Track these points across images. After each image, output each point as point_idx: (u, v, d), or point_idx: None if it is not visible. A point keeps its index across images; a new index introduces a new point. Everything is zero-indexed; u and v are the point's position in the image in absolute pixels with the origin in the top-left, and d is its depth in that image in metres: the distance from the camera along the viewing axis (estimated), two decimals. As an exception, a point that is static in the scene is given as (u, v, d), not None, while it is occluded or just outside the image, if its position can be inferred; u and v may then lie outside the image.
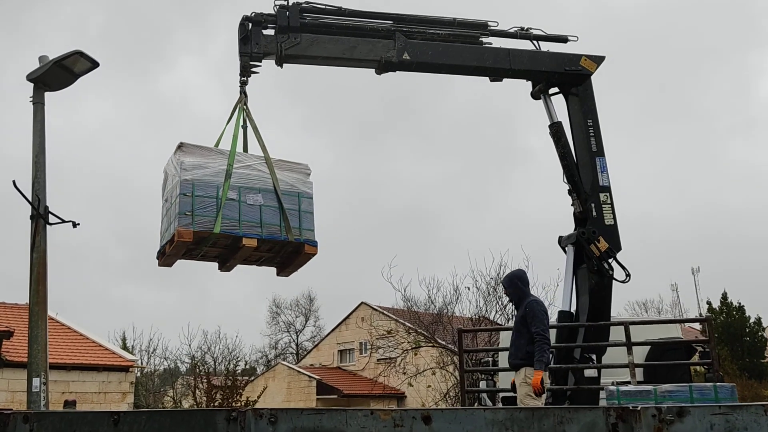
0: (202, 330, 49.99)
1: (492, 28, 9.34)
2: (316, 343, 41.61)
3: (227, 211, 6.61)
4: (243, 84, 7.86)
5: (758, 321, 35.01)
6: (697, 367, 11.49)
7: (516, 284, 7.09)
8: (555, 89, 9.49)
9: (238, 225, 6.66)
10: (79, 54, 6.47)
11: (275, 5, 8.11)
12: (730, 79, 79.60)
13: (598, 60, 9.41)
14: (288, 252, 7.16)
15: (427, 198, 66.80)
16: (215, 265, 7.55)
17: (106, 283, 57.51)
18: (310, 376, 31.33)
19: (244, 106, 7.49)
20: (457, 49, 8.97)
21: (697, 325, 33.69)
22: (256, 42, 7.93)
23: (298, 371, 32.46)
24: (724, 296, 35.13)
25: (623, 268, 8.97)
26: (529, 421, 2.03)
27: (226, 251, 7.09)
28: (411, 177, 67.27)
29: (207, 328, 47.63)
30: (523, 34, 9.46)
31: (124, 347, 29.32)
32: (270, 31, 8.15)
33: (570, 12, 70.41)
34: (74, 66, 6.53)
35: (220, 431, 2.30)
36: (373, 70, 8.66)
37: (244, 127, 7.45)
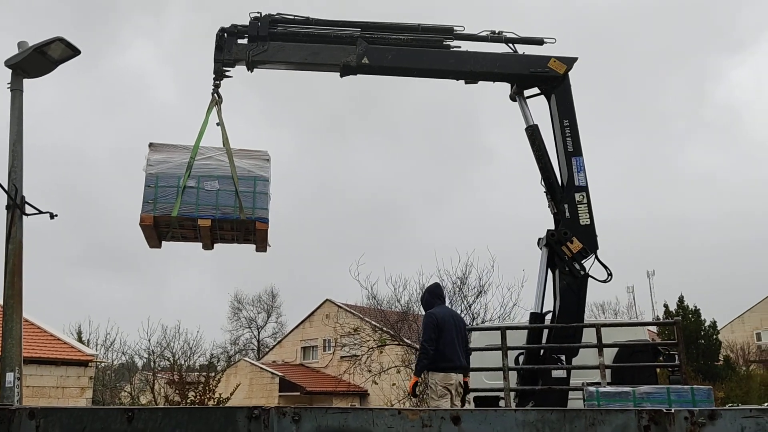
0: (161, 325, 49.17)
1: (459, 32, 9.45)
2: (278, 339, 41.33)
3: (186, 198, 7.64)
4: (216, 87, 8.67)
5: (713, 324, 36.06)
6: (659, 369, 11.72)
7: (426, 297, 8.27)
8: (535, 91, 9.58)
9: (196, 208, 7.66)
10: (60, 41, 6.27)
11: (250, 16, 8.98)
12: (687, 82, 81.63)
13: (569, 61, 9.39)
14: (247, 229, 8.03)
15: (392, 192, 66.95)
16: (176, 260, 8.36)
17: (59, 273, 56.06)
18: (272, 373, 31.10)
19: (217, 107, 8.39)
20: (418, 52, 9.28)
21: (653, 328, 34.48)
22: (229, 50, 8.82)
23: (261, 368, 32.19)
24: (681, 300, 36.07)
25: (605, 267, 9.01)
26: (561, 422, 2.03)
27: (195, 232, 8.02)
28: (375, 171, 67.32)
29: (167, 323, 46.89)
30: (494, 37, 9.52)
31: (80, 341, 28.61)
32: (245, 41, 9.01)
33: (532, 12, 71.28)
34: (55, 53, 6.33)
35: (242, 429, 2.25)
36: (337, 73, 9.20)
37: (219, 124, 8.27)
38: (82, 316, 60.62)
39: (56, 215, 6.37)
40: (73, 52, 6.51)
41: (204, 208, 7.70)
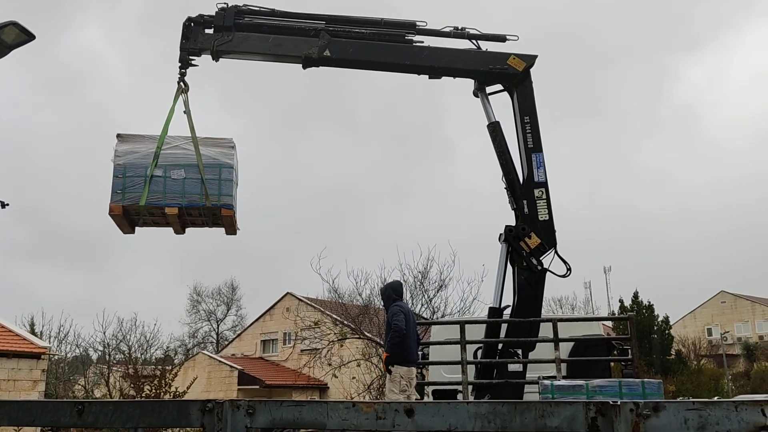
0: (117, 317, 48.26)
1: (422, 27, 9.58)
2: (238, 332, 41.00)
3: (154, 187, 7.85)
4: (182, 75, 8.80)
5: (666, 320, 37.02)
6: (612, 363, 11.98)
7: (388, 293, 8.52)
8: (499, 87, 9.67)
9: (163, 197, 7.88)
10: (14, 25, 6.08)
11: (217, 6, 9.11)
12: (645, 80, 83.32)
13: (529, 59, 9.48)
14: (214, 215, 8.25)
15: (352, 184, 66.80)
16: (133, 251, 8.55)
17: (8, 264, 54.51)
18: (231, 366, 30.85)
19: (183, 95, 8.54)
20: (378, 46, 9.45)
21: (608, 323, 35.23)
22: (194, 39, 8.99)
23: (220, 361, 31.90)
24: (636, 295, 36.97)
25: (564, 262, 9.16)
26: (511, 414, 2.07)
27: (165, 218, 8.22)
28: (335, 162, 67.08)
29: (123, 316, 46.01)
30: (457, 33, 9.63)
31: (33, 333, 27.90)
32: (211, 30, 9.17)
33: (496, 10, 71.77)
34: (8, 37, 6.14)
35: (195, 423, 2.24)
36: (300, 65, 9.32)
37: (186, 113, 8.41)
38: (35, 308, 59.19)
39: (7, 204, 6.19)
40: (27, 37, 6.32)
41: (171, 196, 7.91)
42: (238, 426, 2.20)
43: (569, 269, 9.18)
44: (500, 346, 9.50)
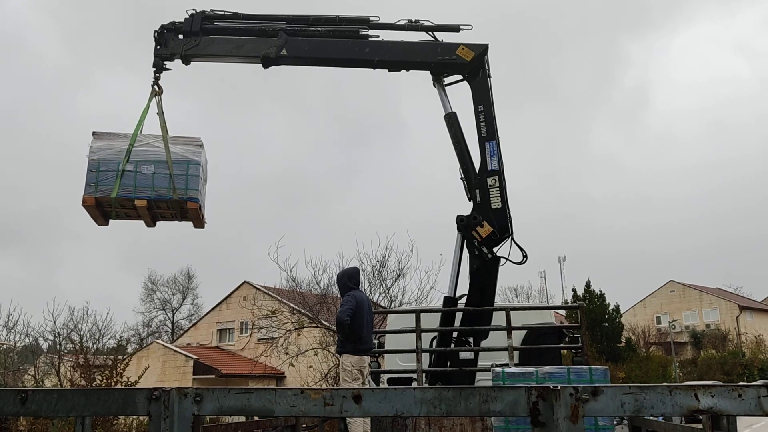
0: (68, 306, 47.17)
1: (375, 22, 9.74)
2: (194, 321, 40.52)
3: (125, 181, 8.39)
4: (156, 79, 9.36)
5: (617, 308, 37.99)
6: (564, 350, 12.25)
7: (344, 281, 8.45)
8: (459, 77, 9.72)
9: (133, 190, 8.41)
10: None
11: (187, 12, 9.69)
12: (596, 65, 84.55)
13: (477, 48, 9.51)
14: (182, 208, 8.68)
15: (300, 167, 66.08)
16: (86, 240, 8.67)
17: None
18: (186, 356, 30.49)
19: (157, 98, 9.12)
20: (332, 43, 9.75)
21: (561, 311, 35.98)
22: (166, 45, 9.57)
23: (174, 350, 31.49)
24: (588, 284, 37.81)
25: (521, 249, 9.25)
26: (456, 399, 2.12)
27: (136, 211, 8.69)
28: (285, 145, 66.34)
29: (74, 304, 44.95)
30: (411, 25, 9.73)
31: (-22, 322, 27.06)
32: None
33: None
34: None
35: (141, 411, 2.23)
36: (260, 65, 9.69)
37: (159, 114, 9.00)
38: (-19, 297, 57.29)
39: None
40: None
41: (141, 189, 8.46)
42: (186, 414, 2.20)
43: (525, 256, 9.27)
44: (454, 334, 9.61)
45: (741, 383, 2.11)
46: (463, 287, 9.58)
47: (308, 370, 21.77)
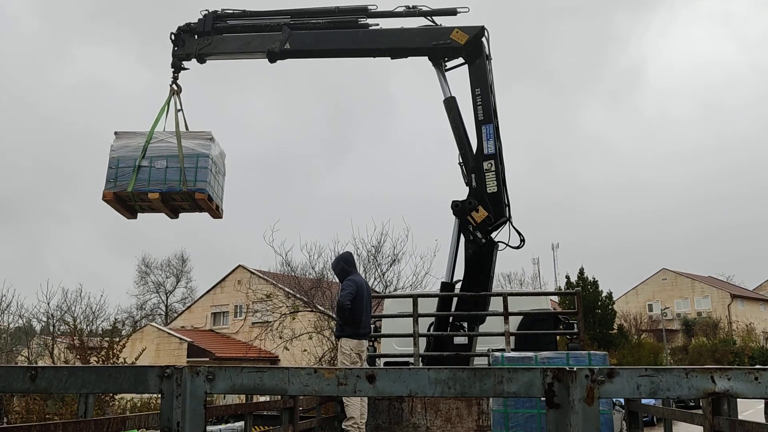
0: (62, 288, 47.10)
1: (373, 10, 9.81)
2: (188, 305, 40.51)
3: (140, 175, 8.93)
4: (175, 79, 9.76)
5: (609, 295, 38.19)
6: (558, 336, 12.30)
7: (341, 266, 8.32)
8: (460, 61, 9.67)
9: (147, 183, 8.92)
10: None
11: (200, 13, 10.07)
12: (590, 46, 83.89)
13: (471, 30, 9.45)
14: (193, 200, 9.04)
15: (290, 147, 65.39)
16: (79, 222, 9.04)
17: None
18: (181, 338, 30.51)
19: (176, 96, 9.56)
20: (333, 34, 9.93)
21: (555, 297, 36.14)
22: (183, 45, 9.99)
23: (169, 333, 31.50)
24: (581, 271, 37.95)
25: (518, 233, 9.25)
26: (471, 380, 2.11)
27: (153, 203, 9.10)
28: (271, 124, 65.69)
29: (68, 286, 44.87)
30: (409, 11, 9.75)
31: (-29, 303, 27.02)
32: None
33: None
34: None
35: (153, 389, 2.21)
36: (267, 60, 9.95)
37: (178, 111, 9.45)
38: (-25, 278, 57.02)
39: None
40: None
41: (153, 183, 8.94)
42: (198, 392, 2.19)
43: (523, 240, 9.25)
44: (451, 319, 9.63)
45: (757, 366, 2.11)
46: (461, 273, 9.59)
47: (303, 354, 21.81)
